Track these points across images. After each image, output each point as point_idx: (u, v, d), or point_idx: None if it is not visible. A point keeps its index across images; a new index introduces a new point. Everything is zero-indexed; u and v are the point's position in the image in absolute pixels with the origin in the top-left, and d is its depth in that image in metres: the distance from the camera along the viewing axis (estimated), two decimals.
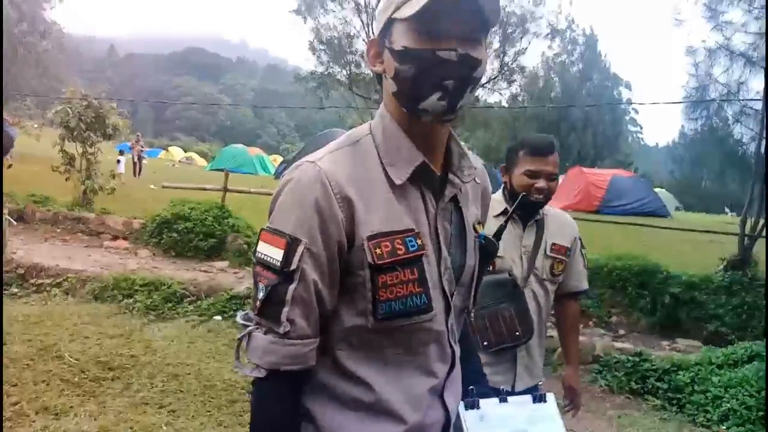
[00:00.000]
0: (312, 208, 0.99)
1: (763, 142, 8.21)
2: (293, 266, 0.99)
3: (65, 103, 9.82)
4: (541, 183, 2.13)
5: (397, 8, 1.03)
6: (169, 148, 45.15)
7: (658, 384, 4.77)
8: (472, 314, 2.01)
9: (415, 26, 1.01)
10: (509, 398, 1.43)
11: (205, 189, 9.56)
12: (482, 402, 1.33)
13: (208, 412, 3.79)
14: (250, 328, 1.03)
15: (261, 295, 1.01)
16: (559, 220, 2.35)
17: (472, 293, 1.24)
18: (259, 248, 1.04)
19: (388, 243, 1.02)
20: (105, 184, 10.01)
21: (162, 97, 74.54)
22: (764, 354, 4.78)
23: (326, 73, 12.92)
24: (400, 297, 1.03)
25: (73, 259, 7.15)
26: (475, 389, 1.35)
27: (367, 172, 1.06)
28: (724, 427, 4.25)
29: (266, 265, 1.02)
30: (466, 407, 1.27)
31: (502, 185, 2.32)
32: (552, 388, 2.06)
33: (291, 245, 0.99)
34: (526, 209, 2.19)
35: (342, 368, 1.07)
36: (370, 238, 1.02)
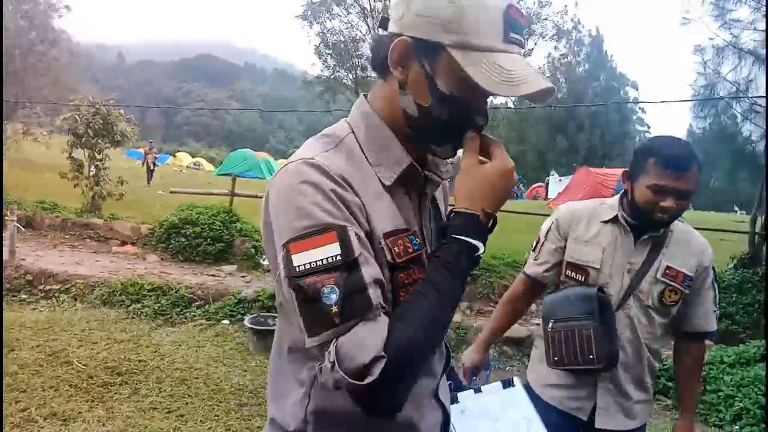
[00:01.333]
0: (334, 196, 0.92)
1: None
2: (357, 251, 0.89)
3: (74, 111, 9.90)
4: (668, 202, 1.77)
5: (459, 42, 0.93)
6: (177, 154, 45.40)
7: (670, 384, 4.71)
8: (550, 325, 1.95)
9: (466, 77, 0.93)
10: (483, 388, 1.42)
11: (212, 194, 9.59)
12: (459, 396, 1.33)
13: (216, 416, 3.79)
14: (331, 347, 0.87)
15: (334, 298, 0.87)
16: (688, 242, 1.96)
17: None
18: (298, 262, 0.89)
19: (401, 241, 0.99)
20: (113, 191, 10.07)
21: (172, 104, 75.07)
22: None
23: (332, 77, 12.95)
24: None
25: (82, 265, 7.18)
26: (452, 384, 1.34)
27: (360, 171, 1.01)
28: (737, 427, 4.19)
29: (323, 269, 0.88)
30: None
31: (622, 191, 2.00)
32: None
33: (342, 233, 0.89)
34: (645, 224, 1.90)
35: None
36: (386, 236, 0.98)
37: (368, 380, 0.85)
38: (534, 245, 2.15)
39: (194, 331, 5.47)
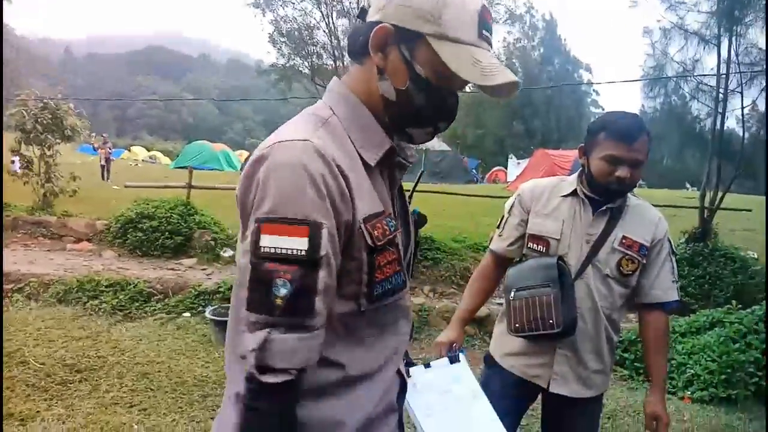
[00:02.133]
0: (322, 189, 0.94)
1: (719, 118, 8.44)
2: (322, 252, 0.93)
3: (20, 106, 9.54)
4: (622, 171, 1.87)
5: (437, 33, 1.00)
6: (132, 148, 44.25)
7: (625, 355, 4.88)
8: (512, 294, 2.00)
9: (444, 66, 1.00)
10: (432, 363, 1.47)
11: (169, 187, 9.41)
12: (412, 371, 1.37)
13: (180, 408, 3.75)
14: (262, 333, 0.92)
15: (284, 292, 0.91)
16: (642, 214, 2.04)
17: (410, 268, 1.28)
18: (265, 243, 0.92)
19: (379, 225, 1.03)
20: (66, 187, 9.77)
21: (123, 98, 72.95)
22: (726, 320, 4.93)
23: (288, 65, 12.80)
24: (389, 276, 1.05)
25: (35, 264, 6.97)
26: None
27: (346, 153, 1.03)
28: (689, 393, 4.38)
29: (285, 259, 0.91)
30: None
31: (580, 168, 2.07)
32: None
33: (315, 231, 0.92)
34: (602, 196, 1.98)
35: (327, 358, 1.04)
36: (366, 220, 1.01)
37: (265, 379, 0.92)
38: (498, 222, 2.22)
39: (155, 326, 5.39)
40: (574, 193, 2.05)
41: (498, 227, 2.21)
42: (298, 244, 0.91)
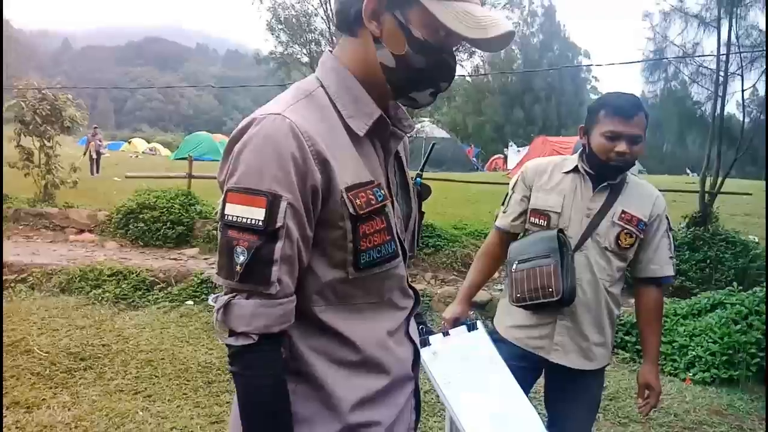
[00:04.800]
0: (289, 162, 0.97)
1: (719, 101, 8.42)
2: (279, 224, 0.97)
3: (19, 97, 9.51)
4: (621, 146, 1.94)
5: None
6: (132, 140, 44.18)
7: (627, 338, 4.90)
8: (514, 266, 2.07)
9: (440, 25, 1.02)
10: (450, 331, 1.50)
11: (169, 177, 9.43)
12: (431, 339, 1.40)
13: (185, 394, 3.77)
14: (226, 297, 0.99)
15: (242, 259, 0.97)
16: (641, 191, 2.11)
17: (416, 239, 1.30)
18: (228, 211, 0.99)
19: (363, 194, 1.05)
20: (66, 178, 9.77)
21: (120, 87, 72.63)
22: (727, 302, 4.94)
23: (286, 52, 12.71)
24: (376, 245, 1.07)
25: (38, 255, 6.98)
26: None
27: (328, 125, 1.06)
28: (690, 374, 4.40)
29: (244, 228, 0.97)
30: (420, 345, 1.33)
31: (581, 148, 2.13)
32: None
33: (273, 202, 0.96)
34: (605, 174, 2.05)
35: (321, 324, 1.08)
36: (348, 189, 1.03)
37: (227, 341, 1.00)
38: (503, 201, 2.29)
39: (158, 314, 5.41)
40: (575, 169, 2.11)
41: (502, 204, 2.28)
42: (256, 214, 0.96)
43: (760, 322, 4.54)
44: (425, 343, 1.38)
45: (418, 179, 1.34)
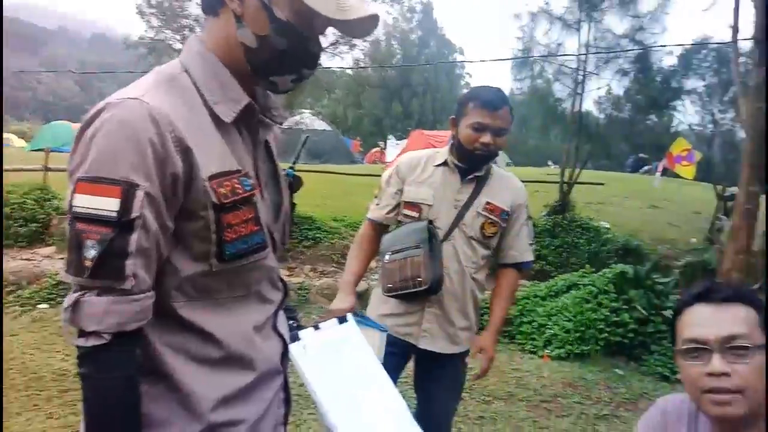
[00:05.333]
0: (147, 148, 0.91)
1: (578, 99, 9.13)
2: (134, 214, 0.90)
3: None
4: (486, 138, 2.05)
5: None
6: None
7: None
8: (386, 257, 2.10)
9: (303, 6, 1.00)
10: (320, 325, 1.49)
11: (23, 170, 8.59)
12: (301, 333, 1.39)
13: (36, 405, 3.47)
14: (75, 295, 0.91)
15: (93, 253, 0.89)
16: (504, 183, 2.23)
17: (287, 231, 1.28)
18: (78, 202, 0.90)
19: (228, 183, 1.01)
20: None
21: None
22: (580, 283, 5.38)
23: (157, 38, 12.03)
24: (243, 236, 1.03)
25: None
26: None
27: (191, 111, 1.02)
28: (548, 351, 4.75)
29: (95, 219, 0.90)
30: (290, 341, 1.32)
31: (451, 142, 2.22)
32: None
33: (128, 191, 0.90)
34: (470, 163, 2.14)
35: (181, 320, 1.03)
36: (211, 178, 0.99)
37: (77, 342, 0.92)
38: (376, 194, 2.32)
39: (6, 319, 4.93)
40: (445, 162, 2.20)
41: (376, 197, 2.31)
42: (110, 204, 0.90)
43: (608, 300, 4.99)
44: (295, 338, 1.36)
45: (289, 170, 1.32)
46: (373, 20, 1.04)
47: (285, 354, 1.25)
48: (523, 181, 2.32)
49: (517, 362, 4.61)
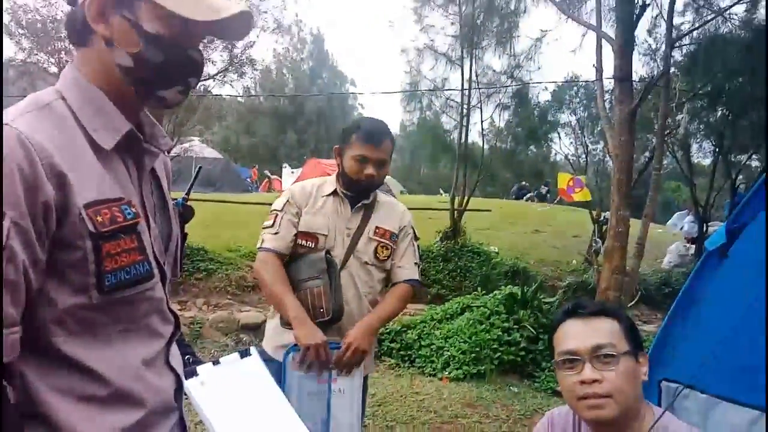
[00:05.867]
0: (15, 176, 0.86)
1: (464, 131, 9.61)
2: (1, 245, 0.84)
3: None
4: (369, 169, 2.13)
5: None
6: None
7: (392, 345, 5.28)
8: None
9: (170, 14, 0.99)
10: (221, 360, 1.46)
11: None
12: (199, 369, 1.35)
13: None
14: None
15: None
16: (390, 207, 2.34)
17: (178, 261, 1.25)
18: None
19: (107, 210, 0.97)
20: None
21: None
22: (473, 305, 5.61)
23: (30, 60, 11.25)
24: (124, 266, 0.99)
25: None
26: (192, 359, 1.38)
27: (68, 138, 0.97)
28: (447, 373, 4.89)
29: None
30: (187, 377, 1.27)
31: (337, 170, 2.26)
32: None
33: None
34: (356, 192, 2.21)
35: (63, 357, 0.96)
36: (88, 206, 0.95)
37: None
38: (270, 223, 2.22)
39: None
40: (335, 192, 2.25)
41: (271, 227, 2.22)
42: None
43: (499, 321, 5.24)
44: (192, 373, 1.32)
45: (179, 200, 1.30)
46: (245, 18, 1.05)
47: (179, 390, 1.21)
48: (416, 209, 2.43)
49: (417, 386, 4.70)
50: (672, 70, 8.36)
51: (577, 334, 1.36)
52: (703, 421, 1.66)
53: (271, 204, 2.43)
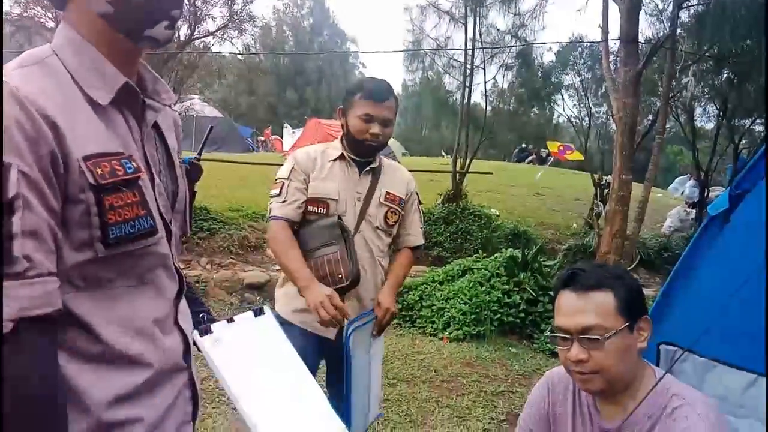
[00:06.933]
0: (14, 128, 0.86)
1: (467, 91, 9.52)
2: (11, 193, 0.85)
3: None
4: (375, 128, 2.13)
5: None
6: None
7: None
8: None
9: None
10: (235, 317, 1.48)
11: None
12: (213, 326, 1.37)
13: None
14: None
15: None
16: (395, 172, 2.34)
17: (188, 220, 1.25)
18: None
19: (106, 163, 0.97)
20: None
21: None
22: (474, 267, 5.67)
23: (26, 15, 11.05)
24: (128, 220, 0.99)
25: None
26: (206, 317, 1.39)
27: (63, 94, 0.97)
28: (447, 333, 4.98)
29: None
30: (201, 334, 1.29)
31: (341, 134, 2.26)
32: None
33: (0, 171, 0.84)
34: (361, 154, 2.21)
35: (69, 314, 0.97)
36: (87, 158, 0.94)
37: None
38: (277, 191, 2.20)
39: None
40: (341, 156, 2.24)
41: (278, 195, 2.20)
42: None
43: (500, 283, 5.31)
44: (207, 331, 1.34)
45: (186, 158, 1.29)
46: None
47: (188, 350, 1.21)
48: (418, 171, 2.45)
49: (418, 345, 4.80)
50: (678, 31, 8.25)
51: (568, 311, 1.39)
52: (699, 383, 1.71)
53: (272, 164, 2.41)
